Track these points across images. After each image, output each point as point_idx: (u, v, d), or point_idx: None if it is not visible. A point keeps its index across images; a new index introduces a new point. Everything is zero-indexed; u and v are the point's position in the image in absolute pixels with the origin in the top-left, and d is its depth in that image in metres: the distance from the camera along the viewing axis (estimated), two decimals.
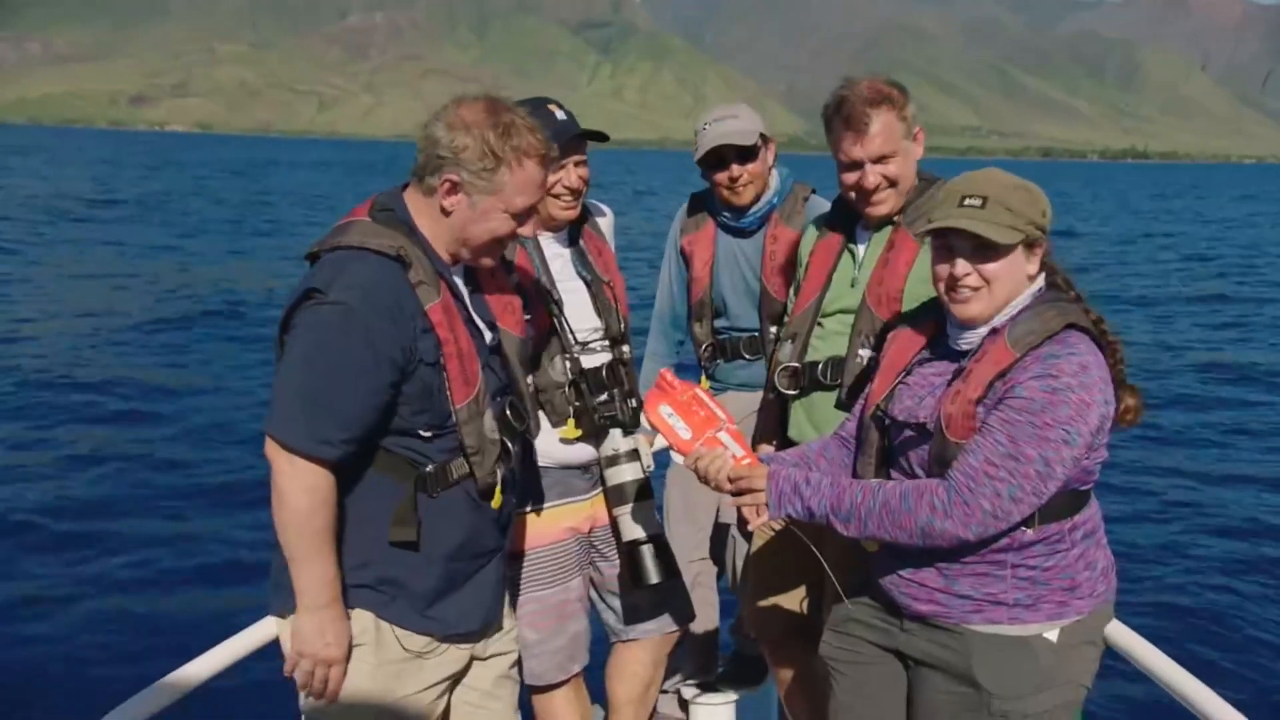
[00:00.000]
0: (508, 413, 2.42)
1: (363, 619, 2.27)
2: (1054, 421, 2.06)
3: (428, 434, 2.24)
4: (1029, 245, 2.21)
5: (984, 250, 2.19)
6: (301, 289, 2.17)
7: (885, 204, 2.80)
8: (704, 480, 2.45)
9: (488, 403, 2.32)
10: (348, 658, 2.25)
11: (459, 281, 2.37)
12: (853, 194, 2.83)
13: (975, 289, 2.22)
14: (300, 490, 2.13)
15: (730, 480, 2.39)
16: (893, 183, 2.77)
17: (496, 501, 2.36)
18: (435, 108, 2.30)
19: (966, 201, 2.20)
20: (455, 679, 2.47)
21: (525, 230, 2.36)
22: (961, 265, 2.21)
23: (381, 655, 2.30)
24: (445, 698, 2.45)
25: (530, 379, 2.63)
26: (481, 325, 2.40)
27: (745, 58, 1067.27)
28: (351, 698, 2.29)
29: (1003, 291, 2.21)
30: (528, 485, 2.93)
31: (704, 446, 2.45)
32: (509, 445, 2.39)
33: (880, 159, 2.74)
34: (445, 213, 2.26)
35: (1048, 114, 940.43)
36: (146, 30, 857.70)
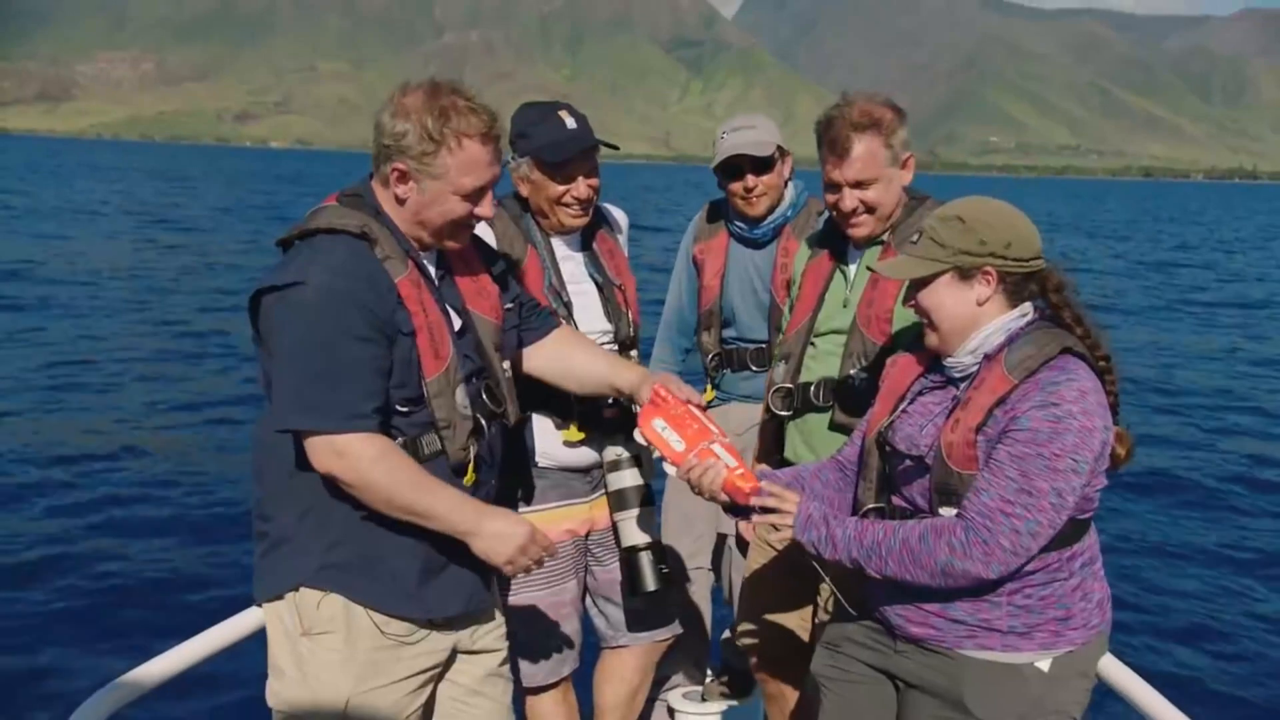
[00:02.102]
0: (483, 395, 2.40)
1: (332, 605, 2.25)
2: (1062, 451, 2.06)
3: (404, 409, 2.24)
4: (963, 273, 2.21)
5: (916, 283, 2.27)
6: (278, 280, 2.16)
7: (862, 228, 2.80)
8: (697, 491, 2.45)
9: (460, 379, 2.32)
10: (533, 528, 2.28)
11: (429, 265, 2.38)
12: (834, 213, 2.85)
13: (924, 320, 2.29)
14: (368, 467, 2.12)
15: (758, 496, 2.36)
16: (870, 209, 2.76)
17: (470, 478, 2.34)
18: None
19: (911, 238, 2.30)
20: (438, 673, 2.44)
21: (485, 210, 2.34)
22: (910, 301, 2.33)
23: (355, 644, 2.27)
24: (426, 690, 2.41)
25: (507, 364, 2.57)
26: (450, 310, 2.40)
27: (839, 75, 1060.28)
28: (323, 689, 2.26)
29: (946, 320, 2.24)
30: (526, 484, 2.92)
31: (696, 457, 2.43)
32: (482, 423, 2.37)
33: (858, 184, 2.73)
34: (400, 200, 2.29)
35: (1150, 132, 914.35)
36: (253, 50, 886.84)
